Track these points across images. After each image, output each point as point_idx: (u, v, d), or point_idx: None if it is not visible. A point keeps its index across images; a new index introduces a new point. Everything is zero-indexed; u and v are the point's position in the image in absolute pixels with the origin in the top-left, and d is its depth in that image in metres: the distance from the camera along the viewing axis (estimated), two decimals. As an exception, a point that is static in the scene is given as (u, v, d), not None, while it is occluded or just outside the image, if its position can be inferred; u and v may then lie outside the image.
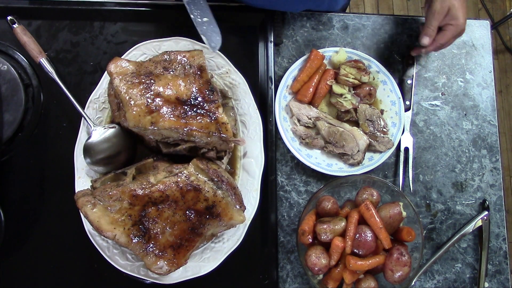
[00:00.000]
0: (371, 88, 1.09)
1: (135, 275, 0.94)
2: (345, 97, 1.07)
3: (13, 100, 1.03)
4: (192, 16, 0.96)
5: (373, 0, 2.66)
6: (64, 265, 1.00)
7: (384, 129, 1.09)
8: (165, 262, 0.85)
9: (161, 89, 0.89)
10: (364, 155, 1.06)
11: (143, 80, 0.90)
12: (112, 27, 1.10)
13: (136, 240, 0.84)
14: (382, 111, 1.11)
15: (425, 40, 1.03)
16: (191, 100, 0.90)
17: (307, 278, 1.05)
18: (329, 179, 1.08)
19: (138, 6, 1.12)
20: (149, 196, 0.86)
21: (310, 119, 1.08)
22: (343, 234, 0.95)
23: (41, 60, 0.98)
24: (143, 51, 1.03)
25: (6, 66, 1.03)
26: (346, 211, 0.99)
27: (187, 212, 0.87)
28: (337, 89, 1.07)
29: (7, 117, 1.02)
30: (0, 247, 0.96)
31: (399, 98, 1.10)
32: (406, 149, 1.11)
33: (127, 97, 0.88)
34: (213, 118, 0.89)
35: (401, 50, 1.17)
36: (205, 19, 0.96)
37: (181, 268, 0.90)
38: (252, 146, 1.02)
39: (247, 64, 1.06)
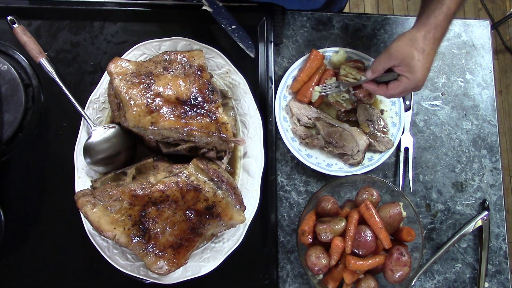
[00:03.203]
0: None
1: (135, 275, 0.94)
2: (343, 96, 1.07)
3: (13, 100, 1.03)
4: (223, 25, 1.00)
5: (373, 0, 2.66)
6: (64, 265, 1.00)
7: (384, 129, 1.09)
8: (165, 262, 0.85)
9: (161, 89, 0.89)
10: (364, 155, 1.06)
11: (143, 80, 0.90)
12: (112, 27, 1.10)
13: (136, 240, 0.84)
14: (382, 111, 1.11)
15: (368, 74, 0.94)
16: (191, 100, 0.90)
17: (307, 278, 1.05)
18: (329, 179, 1.08)
19: (138, 6, 1.12)
20: (149, 196, 0.85)
21: (310, 119, 1.08)
22: (343, 234, 0.95)
23: (41, 60, 0.97)
24: (143, 51, 1.03)
25: (6, 66, 1.03)
26: (346, 211, 0.99)
27: (187, 212, 0.87)
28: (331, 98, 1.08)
29: (7, 117, 1.02)
30: (0, 247, 0.96)
31: (399, 98, 1.10)
32: (406, 149, 1.11)
33: (127, 97, 0.88)
34: (213, 118, 0.89)
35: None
36: (233, 26, 0.99)
37: (181, 268, 0.90)
38: (252, 146, 1.02)
39: (247, 64, 1.06)
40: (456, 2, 0.89)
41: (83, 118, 0.98)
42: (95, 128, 0.96)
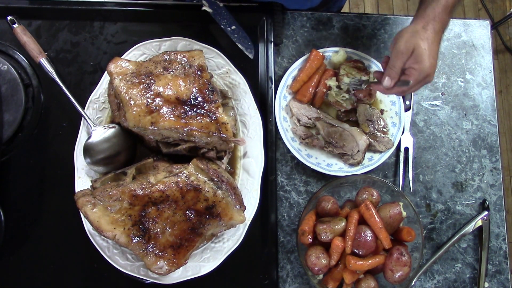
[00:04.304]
0: (371, 88, 1.09)
1: (135, 275, 0.94)
2: (343, 96, 1.07)
3: (13, 100, 1.03)
4: (222, 26, 1.01)
5: (373, 0, 2.66)
6: (64, 265, 1.00)
7: (384, 129, 1.09)
8: (165, 262, 0.85)
9: (161, 89, 0.89)
10: (364, 155, 1.06)
11: (143, 80, 0.90)
12: (112, 27, 1.10)
13: (136, 240, 0.84)
14: (382, 111, 1.11)
15: (387, 82, 0.90)
16: (191, 100, 0.90)
17: (307, 278, 1.05)
18: (329, 179, 1.08)
19: (138, 6, 1.12)
20: (149, 196, 0.85)
21: (310, 119, 1.08)
22: (343, 234, 0.95)
23: (41, 60, 0.98)
24: (143, 51, 1.03)
25: (6, 66, 1.03)
26: (346, 211, 0.99)
27: (187, 212, 0.87)
28: (331, 82, 1.07)
29: (7, 117, 1.02)
30: (0, 247, 0.96)
31: (399, 98, 1.10)
32: (406, 149, 1.11)
33: (127, 97, 0.88)
34: (213, 118, 0.89)
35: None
36: (233, 27, 0.99)
37: (181, 268, 0.90)
38: (252, 146, 1.02)
39: (247, 64, 1.06)
40: None
41: (83, 118, 0.98)
42: (95, 128, 0.96)
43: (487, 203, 1.11)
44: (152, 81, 0.90)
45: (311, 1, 1.18)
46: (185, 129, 0.87)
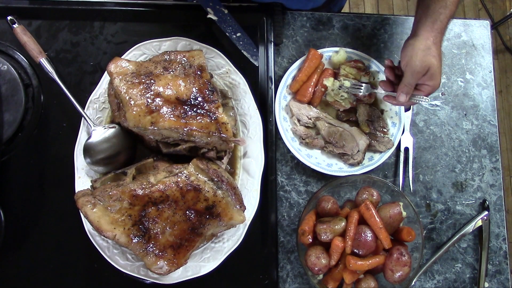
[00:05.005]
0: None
1: (135, 275, 0.94)
2: (342, 96, 1.07)
3: (13, 100, 1.03)
4: (227, 34, 1.01)
5: (373, 0, 2.66)
6: (64, 265, 1.00)
7: (384, 129, 1.09)
8: (165, 262, 0.85)
9: (161, 89, 0.89)
10: (364, 155, 1.06)
11: (143, 80, 0.90)
12: (112, 27, 1.10)
13: (136, 240, 0.84)
14: (382, 111, 1.11)
15: (402, 98, 0.93)
16: (191, 100, 0.90)
17: (307, 278, 1.05)
18: (329, 179, 1.08)
19: (138, 6, 1.12)
20: (149, 196, 0.85)
21: (310, 119, 1.08)
22: (343, 234, 0.95)
23: (41, 60, 0.98)
24: (143, 51, 1.03)
25: (6, 66, 1.03)
26: (346, 211, 0.99)
27: (187, 212, 0.87)
28: (328, 82, 1.07)
29: (7, 117, 1.02)
30: (0, 247, 0.96)
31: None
32: (406, 149, 1.11)
33: (127, 97, 0.88)
34: (213, 118, 0.89)
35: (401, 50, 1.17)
36: (238, 34, 0.99)
37: (181, 268, 0.90)
38: (252, 146, 1.02)
39: (247, 64, 1.06)
40: (456, 4, 0.90)
41: (83, 118, 0.98)
42: (95, 128, 0.96)
43: (487, 203, 1.11)
44: (152, 81, 0.90)
45: (313, 1, 1.18)
46: (185, 129, 0.87)
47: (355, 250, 0.94)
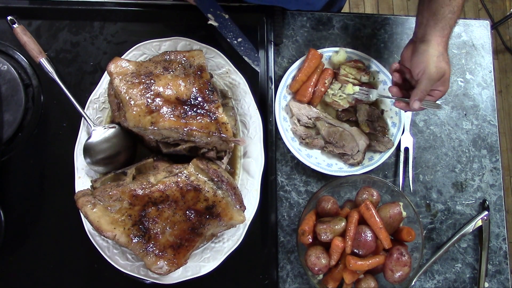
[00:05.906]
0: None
1: (135, 275, 0.94)
2: (341, 96, 1.07)
3: (13, 100, 1.03)
4: (228, 40, 1.00)
5: (373, 0, 2.66)
6: (64, 265, 1.00)
7: (384, 129, 1.09)
8: (165, 262, 0.85)
9: (161, 89, 0.89)
10: (364, 155, 1.06)
11: (143, 80, 0.90)
12: (112, 27, 1.10)
13: (136, 240, 0.84)
14: (382, 111, 1.11)
15: (416, 105, 0.91)
16: (191, 100, 0.90)
17: (307, 278, 1.05)
18: (329, 179, 1.08)
19: (138, 6, 1.12)
20: (149, 196, 0.85)
21: (310, 119, 1.08)
22: (343, 234, 0.95)
23: (41, 60, 0.98)
24: (143, 51, 1.03)
25: (6, 66, 1.03)
26: (346, 211, 0.99)
27: (187, 212, 0.87)
28: (334, 86, 1.07)
29: (7, 117, 1.02)
30: (0, 247, 0.96)
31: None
32: (406, 149, 1.11)
33: (127, 97, 0.88)
34: (213, 118, 0.89)
35: (401, 50, 1.17)
36: (239, 39, 0.99)
37: (181, 268, 0.90)
38: (252, 146, 1.02)
39: (247, 64, 1.06)
40: (461, 8, 0.91)
41: (83, 118, 0.98)
42: (95, 128, 0.96)
43: (487, 203, 1.11)
44: (152, 81, 0.90)
45: (312, 6, 1.18)
46: (185, 129, 0.87)
47: (355, 250, 0.94)
